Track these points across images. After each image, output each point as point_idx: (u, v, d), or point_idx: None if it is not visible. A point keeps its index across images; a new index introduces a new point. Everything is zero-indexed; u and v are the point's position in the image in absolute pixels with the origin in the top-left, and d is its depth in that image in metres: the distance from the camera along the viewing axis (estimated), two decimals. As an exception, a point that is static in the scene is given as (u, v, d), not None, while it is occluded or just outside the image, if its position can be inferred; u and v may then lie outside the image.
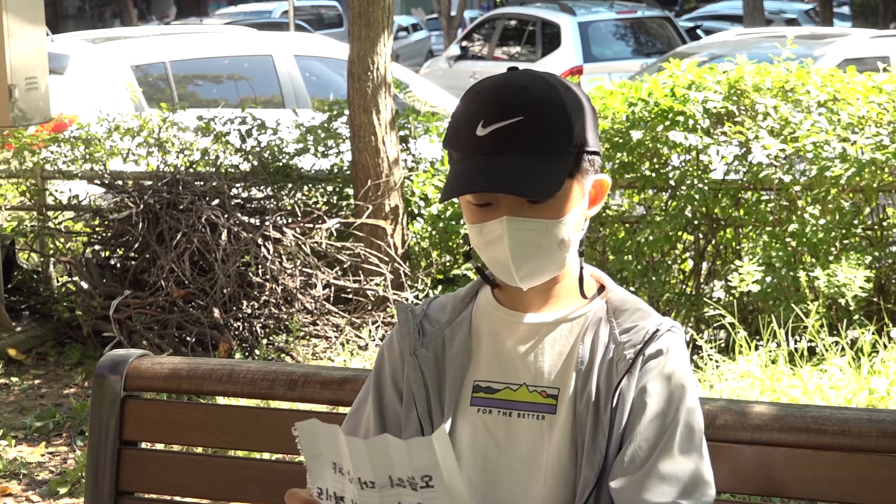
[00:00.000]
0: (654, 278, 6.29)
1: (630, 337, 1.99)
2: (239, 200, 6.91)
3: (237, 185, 7.06)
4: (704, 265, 6.56)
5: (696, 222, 6.40)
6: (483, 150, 1.91)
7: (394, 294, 6.66)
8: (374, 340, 6.47)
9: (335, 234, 6.91)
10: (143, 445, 2.58)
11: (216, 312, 6.34)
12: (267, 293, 6.49)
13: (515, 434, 2.01)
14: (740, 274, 5.83)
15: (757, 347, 5.55)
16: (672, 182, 6.37)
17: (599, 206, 2.04)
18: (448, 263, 7.05)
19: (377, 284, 6.70)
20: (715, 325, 6.06)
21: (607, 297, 2.06)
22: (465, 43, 17.09)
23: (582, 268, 2.05)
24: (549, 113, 1.93)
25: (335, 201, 7.20)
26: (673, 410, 1.96)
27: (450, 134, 1.97)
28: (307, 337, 6.55)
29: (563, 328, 2.03)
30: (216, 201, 6.68)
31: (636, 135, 6.28)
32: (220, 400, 3.46)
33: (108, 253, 6.92)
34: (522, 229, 1.93)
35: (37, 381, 6.32)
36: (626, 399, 1.96)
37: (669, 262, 6.48)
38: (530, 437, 2.00)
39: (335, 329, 6.58)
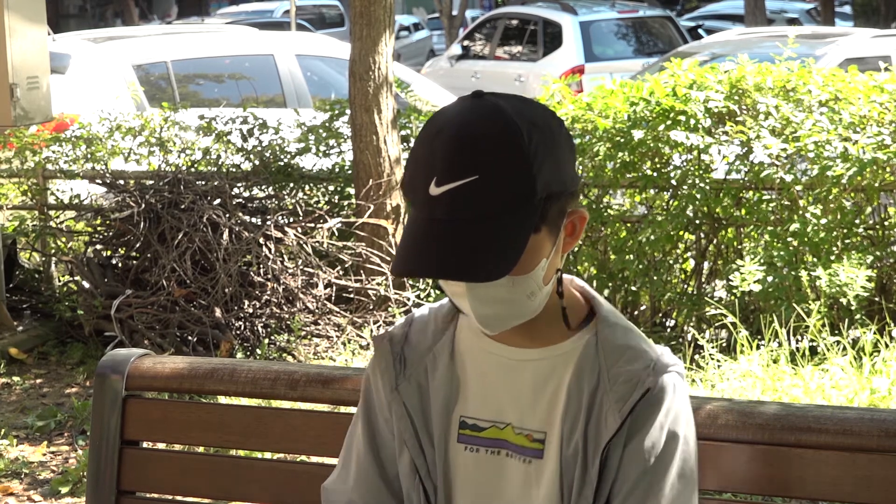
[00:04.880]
0: (655, 278, 6.29)
1: (620, 389, 1.89)
2: (240, 200, 6.91)
3: (239, 184, 7.06)
4: (706, 265, 6.56)
5: (697, 222, 6.39)
6: (436, 214, 1.78)
7: (395, 293, 6.66)
8: (375, 340, 6.47)
9: (336, 234, 6.92)
10: (145, 445, 2.59)
11: (218, 312, 6.34)
12: (268, 293, 6.49)
13: (506, 474, 1.95)
14: (742, 273, 5.83)
15: (758, 347, 5.55)
16: (673, 181, 6.37)
17: (578, 241, 1.92)
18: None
19: (379, 284, 6.70)
20: (716, 324, 6.06)
21: (596, 330, 1.94)
22: (466, 42, 17.08)
23: (564, 308, 1.93)
24: (509, 168, 1.77)
25: (336, 201, 7.20)
26: (664, 466, 1.89)
27: (406, 181, 1.84)
28: (309, 336, 6.55)
29: (550, 365, 1.93)
30: (218, 201, 6.68)
31: (638, 134, 6.28)
32: (222, 399, 3.46)
33: (109, 252, 6.92)
34: (483, 287, 1.83)
35: (38, 381, 6.33)
36: (614, 454, 1.89)
37: (671, 262, 6.48)
38: (519, 478, 1.94)
39: (337, 329, 6.58)
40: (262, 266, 6.55)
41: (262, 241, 6.53)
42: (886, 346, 5.50)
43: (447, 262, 1.77)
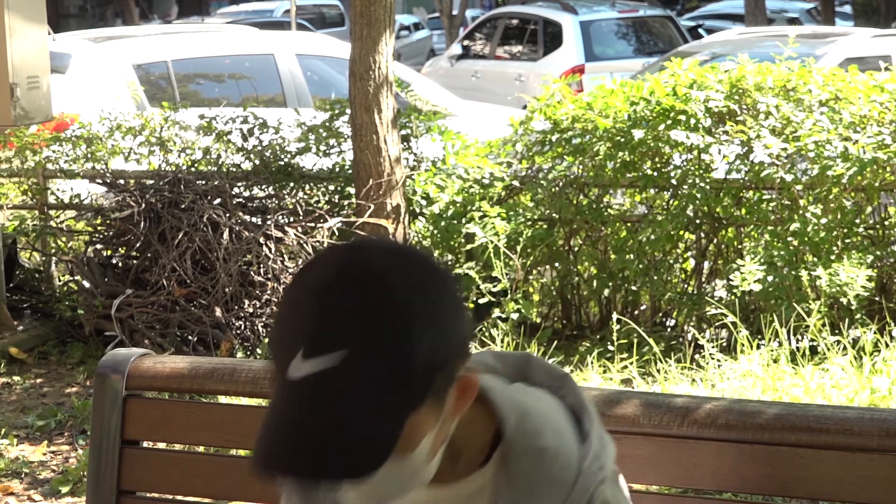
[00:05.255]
0: (655, 277, 6.29)
1: None
2: (241, 199, 6.91)
3: (239, 184, 7.06)
4: (706, 264, 6.56)
5: (697, 221, 6.40)
6: (299, 394, 1.51)
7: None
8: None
9: (337, 234, 6.91)
10: (145, 444, 2.58)
11: (218, 311, 6.34)
12: (269, 292, 6.49)
13: None
14: (742, 273, 5.83)
15: (759, 346, 5.55)
16: (674, 181, 6.37)
17: (469, 403, 1.62)
18: (449, 263, 7.06)
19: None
20: (717, 324, 6.06)
21: (503, 459, 1.70)
22: (466, 42, 17.09)
23: (461, 450, 1.68)
24: (382, 342, 1.51)
25: (337, 200, 7.20)
26: None
27: (270, 344, 1.59)
28: (309, 336, 6.54)
29: (463, 501, 1.72)
30: (218, 200, 6.68)
31: (638, 134, 6.28)
32: (222, 399, 3.46)
33: (109, 252, 6.92)
34: None
35: (39, 380, 6.33)
36: None
37: (671, 262, 6.48)
38: None
39: (337, 328, 6.57)
40: (262, 266, 6.55)
41: (262, 240, 6.53)
42: (887, 345, 5.51)
43: (305, 458, 1.50)
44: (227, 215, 6.56)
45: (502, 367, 1.80)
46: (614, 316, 6.04)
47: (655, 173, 6.41)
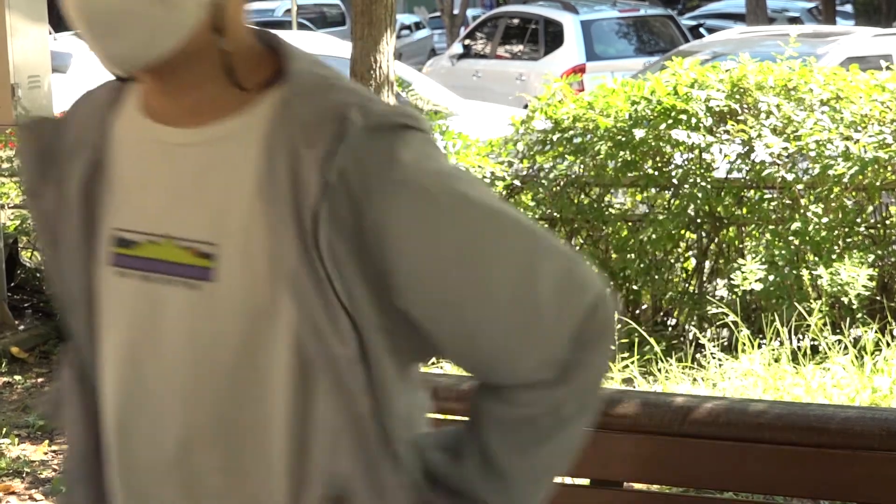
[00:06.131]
0: (656, 277, 6.29)
1: (311, 134, 1.35)
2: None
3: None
4: (707, 264, 6.55)
5: (698, 221, 6.39)
6: None
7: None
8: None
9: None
10: (146, 444, 2.58)
11: (219, 311, 6.34)
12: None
13: (162, 309, 1.41)
14: (743, 272, 5.83)
15: (760, 346, 5.55)
16: (675, 180, 6.37)
17: None
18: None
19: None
20: (718, 323, 6.05)
21: (286, 91, 1.40)
22: (467, 41, 17.08)
23: (227, 52, 1.40)
24: None
25: (338, 200, 7.19)
26: (453, 222, 1.37)
27: None
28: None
29: (220, 149, 1.39)
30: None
31: (639, 133, 6.27)
32: (223, 398, 3.46)
33: (110, 251, 6.92)
34: None
35: (40, 380, 6.33)
36: (339, 249, 1.34)
37: (672, 261, 6.48)
38: (181, 316, 1.40)
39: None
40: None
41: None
42: (888, 345, 5.50)
43: None
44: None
45: None
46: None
47: (656, 173, 6.40)
